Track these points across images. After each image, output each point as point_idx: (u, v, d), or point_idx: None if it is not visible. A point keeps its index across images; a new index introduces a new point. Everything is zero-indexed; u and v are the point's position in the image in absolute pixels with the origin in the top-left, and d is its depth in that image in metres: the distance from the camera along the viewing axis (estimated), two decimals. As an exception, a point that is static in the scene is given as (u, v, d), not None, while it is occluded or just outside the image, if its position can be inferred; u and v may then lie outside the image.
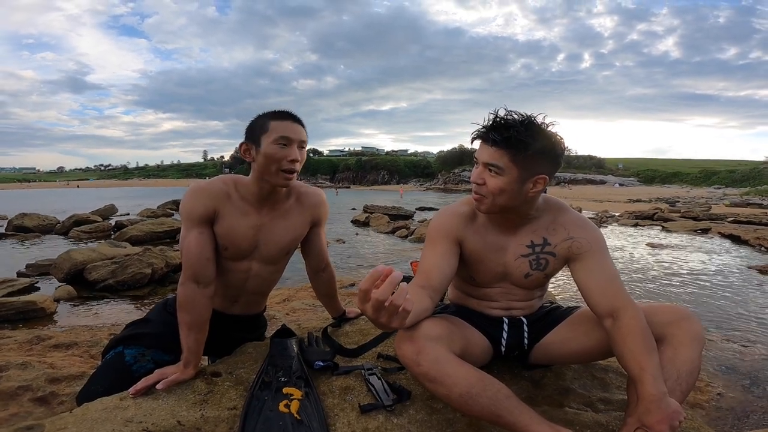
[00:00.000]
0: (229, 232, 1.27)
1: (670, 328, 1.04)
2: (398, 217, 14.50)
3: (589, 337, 1.16)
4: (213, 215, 1.25)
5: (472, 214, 1.20)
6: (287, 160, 1.22)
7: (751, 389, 2.36)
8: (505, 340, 1.23)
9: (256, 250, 1.33)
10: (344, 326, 1.62)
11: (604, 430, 1.06)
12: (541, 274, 1.20)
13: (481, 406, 0.93)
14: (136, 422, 0.95)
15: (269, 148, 1.21)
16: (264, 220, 1.32)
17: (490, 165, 1.04)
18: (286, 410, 1.02)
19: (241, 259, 1.32)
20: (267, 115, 1.25)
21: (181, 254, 1.24)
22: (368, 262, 7.16)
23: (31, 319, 3.79)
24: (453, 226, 1.18)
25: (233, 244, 1.28)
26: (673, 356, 1.01)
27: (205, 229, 1.23)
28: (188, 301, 1.19)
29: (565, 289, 4.88)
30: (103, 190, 50.29)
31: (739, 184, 44.55)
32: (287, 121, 1.24)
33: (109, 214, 15.05)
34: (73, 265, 5.23)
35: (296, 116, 1.27)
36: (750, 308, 4.20)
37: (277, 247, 1.36)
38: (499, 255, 1.19)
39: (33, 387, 1.86)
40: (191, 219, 1.22)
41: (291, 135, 1.22)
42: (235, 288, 1.37)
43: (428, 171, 79.59)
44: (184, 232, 1.24)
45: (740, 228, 10.37)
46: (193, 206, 1.23)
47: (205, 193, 1.24)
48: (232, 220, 1.27)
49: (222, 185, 1.28)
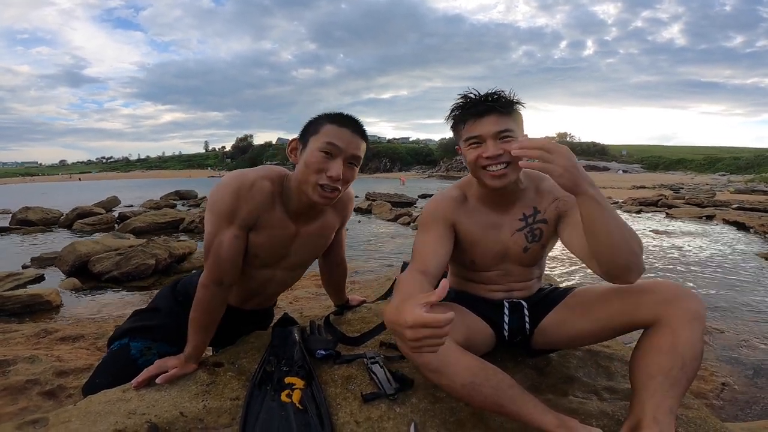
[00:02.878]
0: (266, 243, 1.17)
1: (667, 308, 0.96)
2: (400, 205, 14.49)
3: (586, 319, 1.13)
4: (254, 222, 1.13)
5: (462, 198, 1.22)
6: (327, 174, 1.06)
7: (754, 379, 2.35)
8: (507, 324, 1.23)
9: (284, 259, 1.26)
10: (346, 314, 1.61)
11: (609, 419, 1.05)
12: (538, 245, 1.21)
13: (485, 396, 0.92)
14: (139, 414, 0.96)
15: (312, 155, 1.06)
16: (300, 229, 1.22)
17: (505, 132, 1.06)
18: (288, 400, 1.02)
19: (267, 267, 1.26)
20: (325, 116, 1.10)
21: (207, 252, 1.11)
22: (371, 249, 7.17)
23: (37, 312, 3.82)
24: (446, 210, 1.19)
25: (266, 254, 1.20)
26: (674, 341, 0.93)
27: (242, 232, 1.12)
28: (208, 303, 1.12)
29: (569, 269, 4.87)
30: (106, 182, 50.42)
31: (744, 171, 44.15)
32: (344, 129, 1.08)
33: (112, 205, 15.12)
34: (78, 257, 5.26)
35: (359, 125, 1.11)
36: (756, 296, 4.17)
37: (309, 254, 1.32)
38: (496, 233, 1.20)
39: (41, 381, 1.88)
40: (230, 220, 1.09)
41: (341, 144, 1.06)
42: (254, 291, 1.33)
43: (430, 158, 79.28)
44: (214, 229, 1.10)
45: (745, 215, 10.29)
46: (236, 206, 1.08)
47: (253, 194, 1.10)
48: (272, 231, 1.16)
49: (269, 185, 1.13)
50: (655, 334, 0.97)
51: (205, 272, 1.13)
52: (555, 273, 5.19)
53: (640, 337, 1.02)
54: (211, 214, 1.11)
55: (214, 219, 1.10)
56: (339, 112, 1.12)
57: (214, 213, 1.10)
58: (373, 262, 6.06)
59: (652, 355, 0.94)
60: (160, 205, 15.05)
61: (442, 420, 1.01)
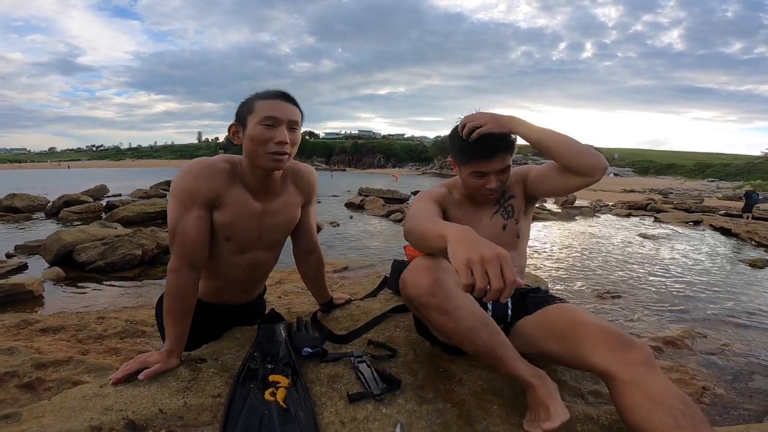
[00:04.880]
0: (233, 222, 1.18)
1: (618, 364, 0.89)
2: (393, 201, 14.49)
3: (549, 346, 1.08)
4: (216, 200, 1.15)
5: (449, 193, 1.41)
6: (274, 141, 1.12)
7: (734, 384, 2.37)
8: (490, 311, 1.22)
9: (260, 239, 1.27)
10: (334, 311, 1.59)
11: (593, 423, 1.05)
12: (513, 221, 1.38)
13: (482, 340, 1.00)
14: (116, 410, 0.92)
15: (255, 129, 1.12)
16: (265, 206, 1.24)
17: (505, 168, 1.28)
18: (272, 399, 1.00)
19: (246, 251, 1.27)
20: (255, 95, 1.16)
21: (172, 237, 1.13)
22: (362, 245, 7.14)
23: (18, 302, 3.74)
24: (439, 196, 1.38)
25: (237, 235, 1.21)
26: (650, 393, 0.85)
27: (205, 212, 1.14)
28: (182, 288, 1.12)
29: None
30: (95, 171, 49.68)
31: (733, 178, 44.87)
32: (275, 100, 1.14)
33: (101, 194, 14.89)
34: (62, 246, 5.17)
35: (287, 94, 1.17)
36: (738, 302, 4.24)
37: (281, 232, 1.33)
38: (476, 218, 1.37)
39: (19, 373, 1.84)
40: (192, 199, 1.12)
41: (278, 114, 1.12)
42: (241, 280, 1.33)
43: (424, 156, 79.43)
44: (177, 213, 1.12)
45: (732, 221, 10.48)
46: (196, 186, 1.12)
47: (211, 173, 1.14)
48: (236, 208, 1.18)
49: (228, 167, 1.17)
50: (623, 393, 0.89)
51: (173, 258, 1.13)
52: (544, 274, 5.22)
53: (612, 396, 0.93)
54: (173, 199, 1.14)
55: (176, 203, 1.13)
56: (268, 89, 1.17)
57: (175, 197, 1.14)
58: (364, 258, 6.04)
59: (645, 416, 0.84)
60: (149, 195, 14.87)
61: (428, 422, 1.00)
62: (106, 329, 2.64)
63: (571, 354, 1.00)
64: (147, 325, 2.80)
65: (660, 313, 3.86)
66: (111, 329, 2.64)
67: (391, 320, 1.47)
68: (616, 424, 1.06)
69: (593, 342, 0.95)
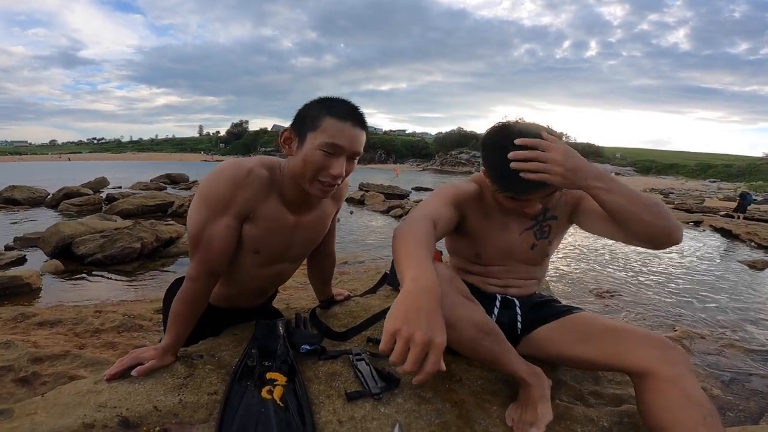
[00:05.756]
0: (265, 235, 1.11)
1: (660, 362, 0.92)
2: (394, 197, 14.47)
3: (576, 348, 1.10)
4: (250, 212, 1.06)
5: (479, 194, 1.20)
6: (329, 172, 1.00)
7: (731, 386, 2.37)
8: (495, 317, 1.22)
9: (288, 252, 1.21)
10: (333, 308, 1.58)
11: (593, 425, 1.04)
12: (545, 242, 1.23)
13: (485, 348, 1.01)
14: (110, 407, 0.91)
15: (313, 153, 0.99)
16: (299, 219, 1.16)
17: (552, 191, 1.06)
18: (269, 396, 0.98)
19: (273, 263, 1.21)
20: (323, 106, 1.00)
21: (196, 243, 1.05)
22: (362, 241, 7.13)
23: (16, 294, 3.73)
24: (463, 197, 1.16)
25: (267, 249, 1.14)
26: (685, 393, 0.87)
27: (236, 222, 1.06)
28: (196, 295, 1.08)
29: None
30: (96, 163, 49.63)
31: (735, 179, 44.81)
32: (347, 124, 0.99)
33: (101, 186, 14.87)
34: (61, 238, 5.15)
35: (360, 116, 1.02)
36: (737, 303, 4.23)
37: (310, 244, 1.28)
38: (505, 231, 1.21)
39: (15, 367, 1.83)
40: (225, 207, 1.03)
41: (344, 144, 0.99)
42: (260, 288, 1.30)
43: (426, 152, 79.34)
44: (204, 219, 1.03)
45: (732, 222, 10.45)
46: (231, 194, 1.02)
47: (250, 182, 1.03)
48: (269, 222, 1.10)
49: (267, 175, 1.06)
50: (659, 389, 0.91)
51: (194, 264, 1.06)
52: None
53: (641, 393, 0.96)
54: (203, 202, 1.04)
55: (205, 207, 1.04)
56: (338, 101, 1.03)
57: (206, 201, 1.04)
58: (363, 254, 6.03)
59: (675, 411, 0.88)
60: (149, 188, 14.85)
61: (427, 422, 0.98)
62: (104, 323, 2.63)
63: (607, 355, 1.02)
64: (144, 319, 2.80)
65: (658, 313, 3.86)
66: (108, 323, 2.63)
67: (391, 318, 1.45)
68: (616, 426, 1.05)
69: (636, 343, 0.98)
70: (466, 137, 72.06)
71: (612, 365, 1.03)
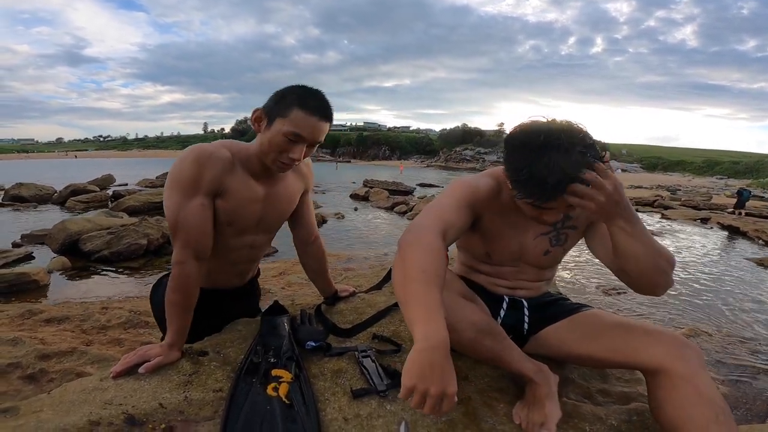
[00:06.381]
0: (237, 208, 1.16)
1: (674, 359, 0.92)
2: (398, 193, 14.45)
3: (587, 345, 1.08)
4: (219, 188, 1.12)
5: (497, 191, 1.11)
6: (289, 155, 1.10)
7: (738, 384, 2.35)
8: (501, 318, 1.20)
9: (259, 223, 1.26)
10: (339, 304, 1.57)
11: (602, 424, 1.02)
12: (560, 249, 1.19)
13: (486, 347, 1.02)
14: (115, 404, 0.91)
15: (278, 136, 1.08)
16: (267, 191, 1.23)
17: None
18: (275, 394, 0.98)
19: (245, 234, 1.25)
20: (296, 97, 1.08)
21: (174, 228, 1.09)
22: (367, 237, 7.13)
23: (24, 291, 3.76)
24: (479, 197, 1.08)
25: (240, 219, 1.19)
26: (698, 391, 0.87)
27: (208, 200, 1.11)
28: (188, 280, 1.09)
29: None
30: (102, 161, 49.95)
31: (742, 176, 44.32)
32: (313, 117, 1.08)
33: (107, 184, 14.95)
34: (68, 235, 5.19)
35: (328, 110, 1.11)
36: (745, 301, 4.19)
37: (280, 217, 1.32)
38: (519, 234, 1.16)
39: (23, 364, 1.83)
40: (195, 188, 1.08)
41: (307, 135, 1.08)
42: (234, 262, 1.31)
43: (430, 148, 79.29)
44: (178, 202, 1.08)
45: (739, 219, 10.34)
46: (198, 173, 1.08)
47: (213, 160, 1.09)
48: (239, 194, 1.16)
49: (228, 153, 1.14)
50: (671, 386, 0.90)
51: (177, 249, 1.10)
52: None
53: (653, 390, 0.95)
54: (174, 187, 1.09)
55: (177, 192, 1.09)
56: (311, 94, 1.10)
57: (176, 185, 1.09)
58: (368, 251, 6.02)
59: (688, 408, 0.87)
60: (155, 184, 14.92)
61: (433, 419, 0.97)
62: (110, 320, 2.65)
63: (618, 352, 1.01)
64: (151, 315, 2.80)
65: (666, 311, 3.83)
66: (115, 320, 2.65)
67: (396, 314, 1.44)
68: (625, 425, 1.03)
69: (648, 340, 0.97)
70: (470, 133, 71.87)
71: (623, 362, 1.02)
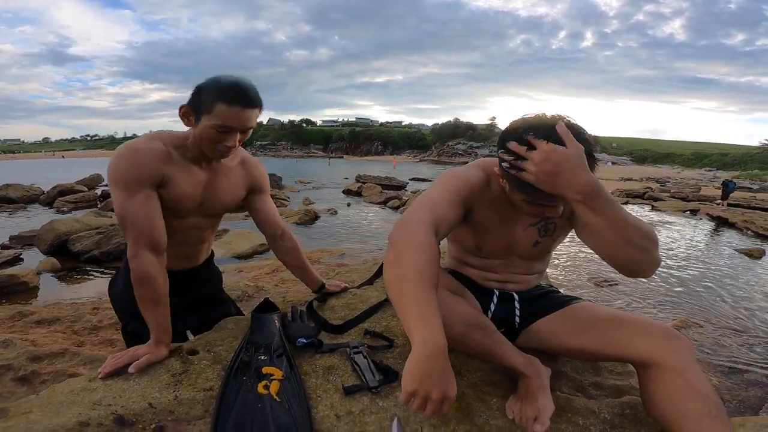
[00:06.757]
0: (179, 195, 1.18)
1: (664, 351, 0.91)
2: (391, 188, 14.44)
3: (578, 338, 1.08)
4: (161, 179, 1.14)
5: (487, 183, 1.10)
6: (224, 144, 1.12)
7: (729, 376, 2.38)
8: (491, 312, 1.20)
9: (200, 206, 1.27)
10: (330, 300, 1.56)
11: (595, 417, 1.03)
12: (549, 239, 1.18)
13: (476, 341, 1.02)
14: (104, 405, 0.90)
15: (207, 131, 1.10)
16: (209, 176, 1.25)
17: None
18: (265, 392, 0.97)
19: (188, 216, 1.26)
20: (217, 91, 1.08)
21: (124, 224, 1.10)
22: (359, 232, 7.12)
23: (13, 293, 3.71)
24: (470, 188, 1.07)
25: (181, 204, 1.21)
26: (690, 383, 0.87)
27: (152, 191, 1.12)
28: (148, 273, 1.09)
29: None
30: (90, 160, 49.27)
31: (731, 168, 44.92)
32: (236, 107, 1.08)
33: (95, 183, 14.75)
34: (57, 236, 5.12)
35: (251, 98, 1.11)
36: (735, 292, 4.25)
37: (221, 204, 1.32)
38: (509, 226, 1.15)
39: (15, 366, 1.82)
40: (137, 182, 1.09)
41: (235, 125, 1.10)
42: (177, 242, 1.29)
43: (422, 143, 79.49)
44: (122, 199, 1.09)
45: (728, 210, 10.49)
46: (138, 169, 1.09)
47: (150, 156, 1.12)
48: (180, 180, 1.18)
49: (160, 144, 1.16)
50: (663, 379, 0.91)
51: (129, 244, 1.10)
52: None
53: (645, 383, 0.96)
54: (117, 186, 1.10)
55: (120, 190, 1.10)
56: (230, 85, 1.09)
57: (119, 184, 1.10)
58: (361, 245, 6.02)
59: (680, 402, 0.88)
60: (145, 185, 14.73)
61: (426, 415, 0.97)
62: (101, 320, 2.62)
63: (609, 345, 1.01)
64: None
65: (657, 302, 3.87)
66: (106, 320, 2.62)
67: (388, 309, 1.44)
68: (618, 418, 1.04)
69: (639, 332, 0.97)
70: (462, 128, 72.00)
71: (615, 355, 1.02)
